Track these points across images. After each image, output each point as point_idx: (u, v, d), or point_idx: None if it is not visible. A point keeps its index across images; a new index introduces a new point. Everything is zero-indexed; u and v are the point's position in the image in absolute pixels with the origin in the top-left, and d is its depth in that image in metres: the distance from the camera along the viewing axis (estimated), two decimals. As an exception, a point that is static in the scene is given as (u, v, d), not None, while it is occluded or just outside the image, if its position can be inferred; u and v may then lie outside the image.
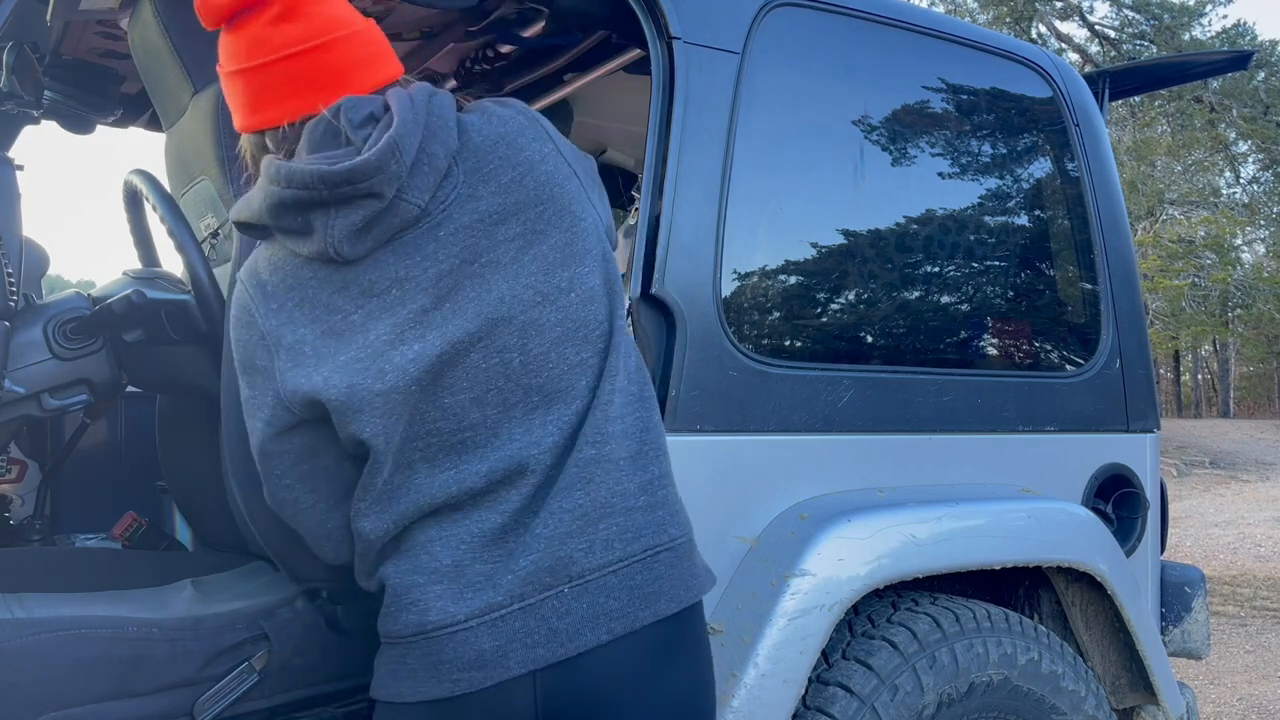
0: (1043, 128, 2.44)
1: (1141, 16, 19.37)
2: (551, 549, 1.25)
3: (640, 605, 1.27)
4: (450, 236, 1.28)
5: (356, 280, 1.29)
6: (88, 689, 1.45)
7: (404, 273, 1.28)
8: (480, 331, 1.27)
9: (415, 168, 1.26)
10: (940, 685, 1.90)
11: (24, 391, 1.77)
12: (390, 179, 1.24)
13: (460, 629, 1.24)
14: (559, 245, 1.31)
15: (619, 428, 1.32)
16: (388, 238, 1.28)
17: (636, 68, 2.40)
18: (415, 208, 1.27)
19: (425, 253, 1.28)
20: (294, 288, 1.31)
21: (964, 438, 2.17)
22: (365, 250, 1.28)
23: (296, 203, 1.26)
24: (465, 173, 1.29)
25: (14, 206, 1.84)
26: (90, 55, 2.45)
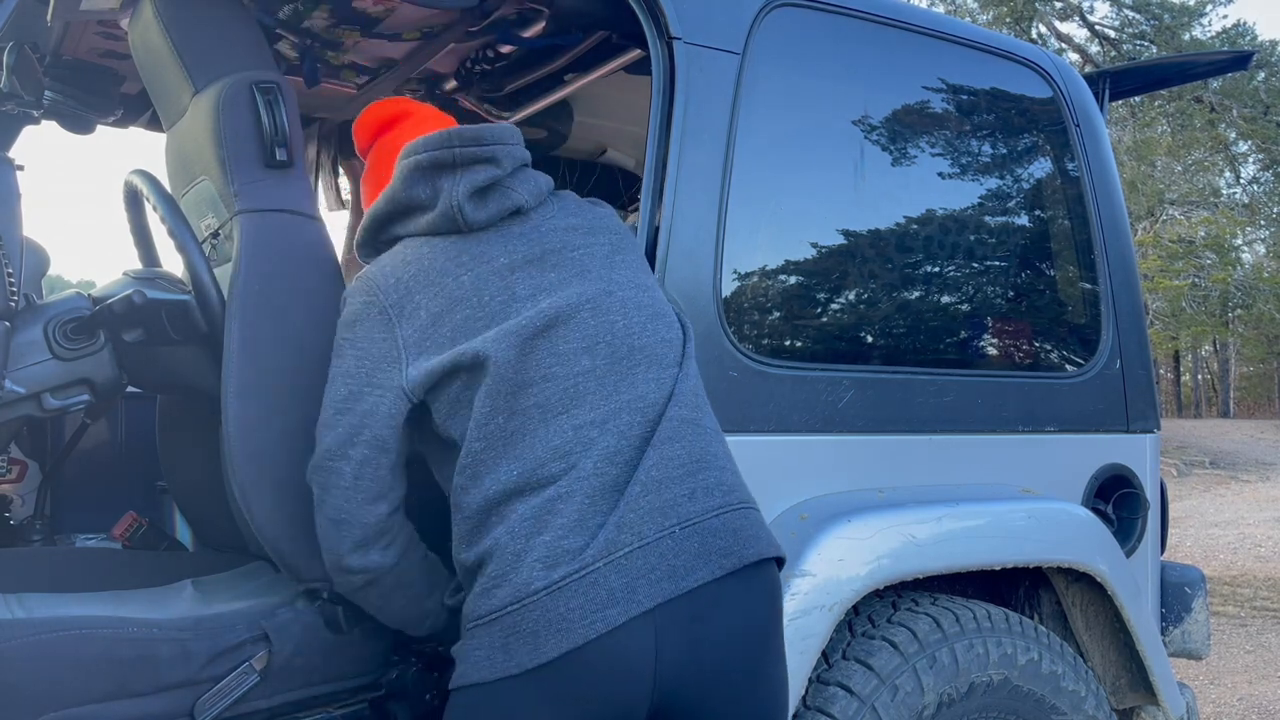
0: (1043, 128, 2.44)
1: (1141, 16, 19.36)
2: (660, 492, 1.36)
3: (743, 545, 1.39)
4: (551, 232, 1.52)
5: (469, 249, 1.49)
6: (88, 689, 1.45)
7: (511, 248, 1.49)
8: (588, 297, 1.46)
9: (522, 174, 1.54)
10: (940, 685, 1.90)
11: (24, 391, 1.77)
12: (508, 154, 1.52)
13: (589, 571, 1.29)
14: (638, 260, 1.59)
15: (703, 402, 1.50)
16: (500, 217, 1.51)
17: (637, 68, 2.40)
18: (523, 198, 1.52)
19: (530, 239, 1.51)
20: (409, 263, 1.49)
21: (964, 438, 2.17)
22: (484, 218, 1.50)
23: (431, 164, 1.49)
24: (561, 207, 1.58)
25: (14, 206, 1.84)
26: (90, 55, 2.45)
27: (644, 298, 1.52)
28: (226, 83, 1.75)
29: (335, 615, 1.65)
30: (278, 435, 1.64)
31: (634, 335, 1.46)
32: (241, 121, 1.73)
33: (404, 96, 1.63)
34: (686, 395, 1.46)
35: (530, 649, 1.27)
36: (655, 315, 1.51)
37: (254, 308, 1.67)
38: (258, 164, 1.74)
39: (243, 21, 1.88)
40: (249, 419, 1.63)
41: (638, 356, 1.45)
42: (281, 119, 1.74)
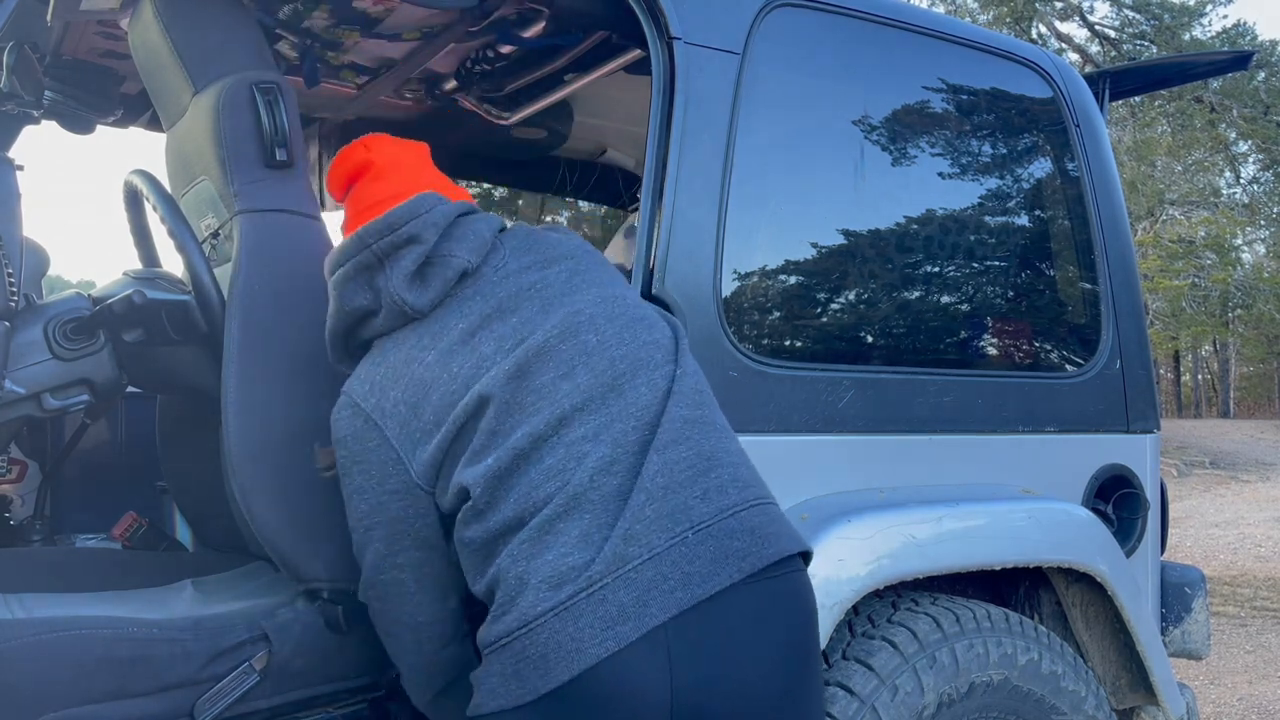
0: (1043, 128, 2.44)
1: (1142, 16, 19.36)
2: (667, 498, 1.30)
3: (762, 544, 1.32)
4: (503, 280, 1.47)
5: (428, 330, 1.45)
6: (88, 689, 1.45)
7: (466, 311, 1.45)
8: (555, 326, 1.42)
9: (457, 233, 1.47)
10: (940, 685, 1.90)
11: (24, 391, 1.77)
12: (427, 224, 1.44)
13: (597, 587, 1.24)
14: (603, 273, 1.53)
15: (707, 398, 1.46)
16: (448, 288, 1.46)
17: (637, 68, 2.40)
18: (464, 260, 1.46)
19: (484, 295, 1.46)
20: (379, 364, 1.47)
21: (964, 438, 2.17)
22: (430, 298, 1.45)
23: (357, 270, 1.46)
24: (512, 249, 1.51)
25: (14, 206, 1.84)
26: (90, 55, 2.45)
27: (615, 309, 1.47)
28: (226, 83, 1.75)
29: (335, 615, 1.65)
30: (278, 436, 1.64)
31: (611, 347, 1.42)
32: (241, 122, 1.73)
33: (367, 137, 1.55)
34: (687, 393, 1.41)
35: (540, 674, 1.23)
36: (632, 321, 1.46)
37: (254, 308, 1.67)
38: (258, 164, 1.74)
39: (243, 21, 1.88)
40: (249, 419, 1.63)
41: (621, 366, 1.40)
42: (281, 119, 1.74)
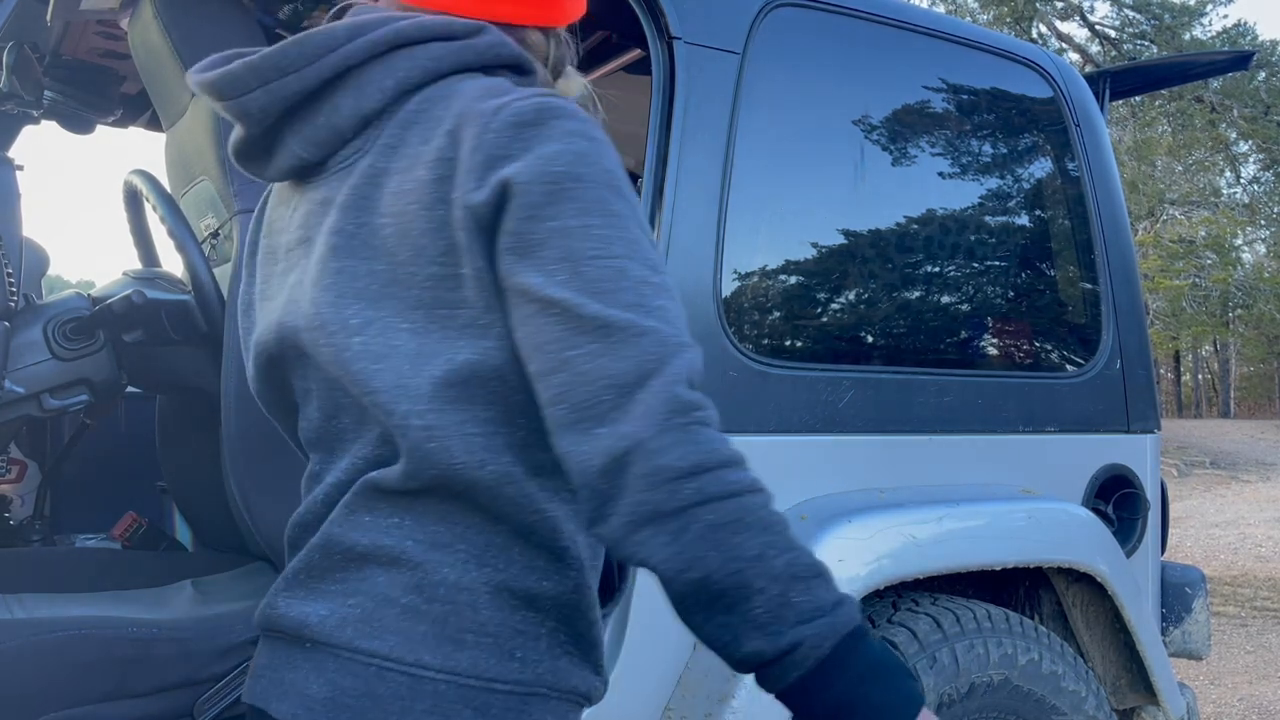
0: (1043, 128, 2.43)
1: (1142, 16, 19.36)
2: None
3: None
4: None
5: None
6: (88, 689, 1.45)
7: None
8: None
9: (304, 113, 1.12)
10: (941, 685, 1.90)
11: (24, 392, 1.77)
12: (252, 102, 1.10)
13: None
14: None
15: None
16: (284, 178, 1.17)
17: (637, 68, 2.40)
18: (296, 157, 1.13)
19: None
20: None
21: (964, 438, 2.17)
22: (267, 181, 1.18)
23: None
24: (383, 140, 1.12)
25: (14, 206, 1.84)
26: (90, 55, 2.45)
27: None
28: (226, 83, 1.75)
29: (335, 615, 1.64)
30: (278, 435, 1.64)
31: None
32: (241, 121, 1.73)
33: None
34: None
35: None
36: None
37: (254, 308, 1.67)
38: (257, 164, 1.74)
39: (243, 21, 1.88)
40: (249, 419, 1.63)
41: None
42: None
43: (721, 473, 0.93)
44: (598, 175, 1.02)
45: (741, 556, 0.91)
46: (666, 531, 0.91)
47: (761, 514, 0.93)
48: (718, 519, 0.91)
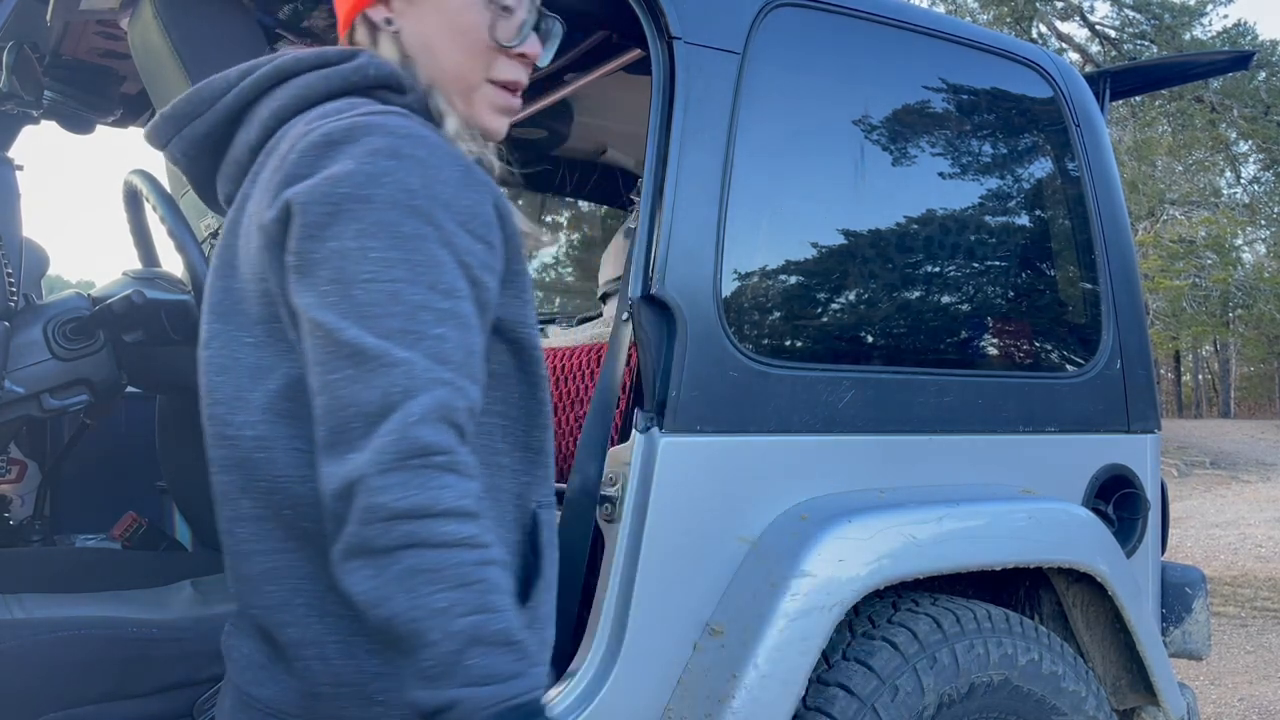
0: (1043, 128, 2.43)
1: (1142, 16, 19.36)
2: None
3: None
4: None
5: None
6: (88, 689, 1.45)
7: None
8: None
9: (221, 151, 1.23)
10: (941, 686, 1.90)
11: (24, 392, 1.77)
12: (175, 149, 1.23)
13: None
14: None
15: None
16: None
17: (637, 68, 2.40)
18: (222, 193, 1.24)
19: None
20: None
21: (964, 438, 2.17)
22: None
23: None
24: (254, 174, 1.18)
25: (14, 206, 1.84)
26: (90, 55, 2.45)
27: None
28: (226, 83, 1.75)
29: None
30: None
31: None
32: (241, 121, 1.73)
33: None
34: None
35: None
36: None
37: (254, 308, 1.67)
38: (257, 164, 1.74)
39: (243, 21, 1.88)
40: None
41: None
42: None
43: (437, 522, 0.94)
44: (390, 196, 1.01)
45: (426, 606, 0.92)
46: (371, 566, 0.93)
47: (464, 570, 0.94)
48: (417, 565, 0.92)
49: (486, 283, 1.07)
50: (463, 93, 1.23)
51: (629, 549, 1.75)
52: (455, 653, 0.91)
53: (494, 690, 0.92)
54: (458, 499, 0.95)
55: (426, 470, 0.94)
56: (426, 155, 1.05)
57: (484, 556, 0.96)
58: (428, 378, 0.96)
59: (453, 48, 1.22)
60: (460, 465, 0.97)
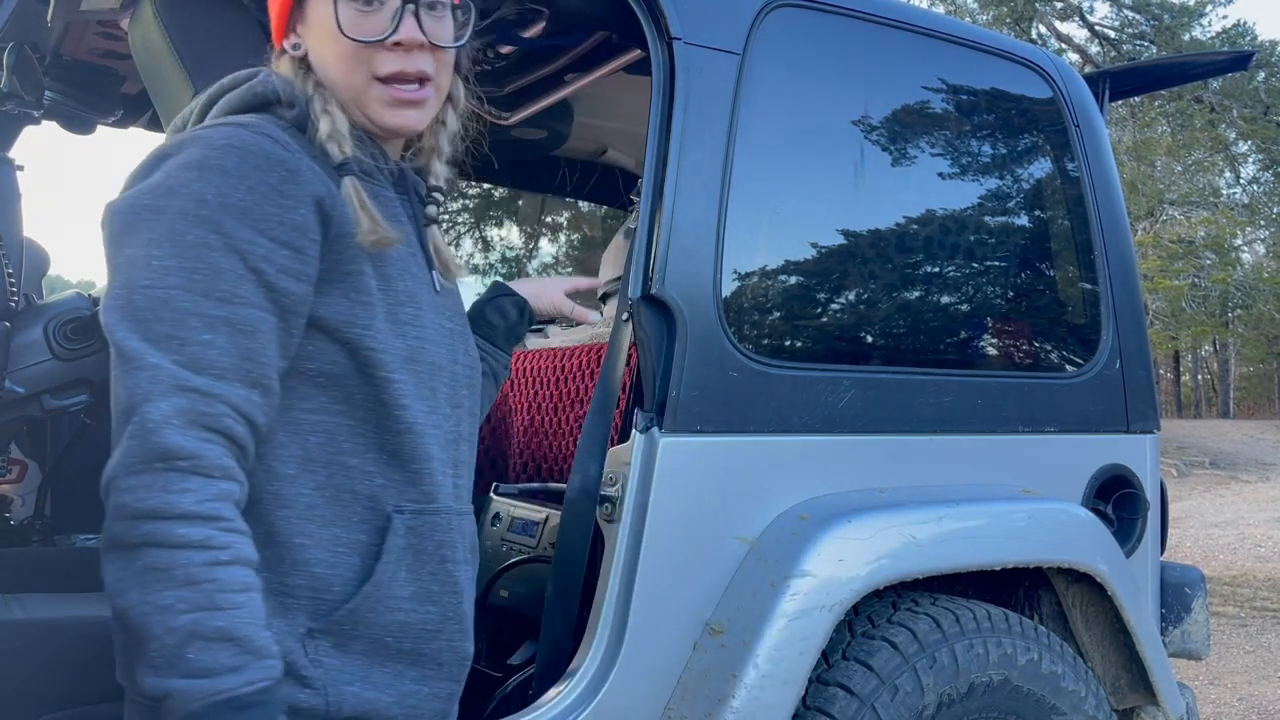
0: (1043, 128, 2.44)
1: (1141, 17, 19.36)
2: None
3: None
4: None
5: None
6: (88, 689, 1.45)
7: None
8: None
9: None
10: (940, 685, 1.90)
11: (24, 392, 1.77)
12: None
13: None
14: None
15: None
16: None
17: (637, 68, 2.40)
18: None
19: None
20: None
21: (964, 438, 2.17)
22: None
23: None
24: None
25: (14, 206, 1.84)
26: (90, 55, 2.45)
27: None
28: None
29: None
30: (278, 435, 1.64)
31: None
32: (241, 121, 1.73)
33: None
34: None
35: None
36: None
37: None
38: (258, 164, 1.73)
39: (243, 21, 1.88)
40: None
41: None
42: None
43: (172, 524, 1.01)
44: (181, 206, 1.10)
45: (153, 602, 1.00)
46: (117, 560, 1.02)
47: (192, 570, 1.01)
48: (152, 564, 1.00)
49: (287, 288, 1.12)
50: (354, 98, 1.28)
51: (629, 549, 1.75)
52: (176, 646, 0.99)
53: (207, 683, 0.99)
54: (196, 503, 1.02)
55: (169, 474, 1.02)
56: (234, 165, 1.12)
57: (215, 558, 1.02)
58: (172, 384, 1.04)
59: (330, 57, 1.28)
60: (206, 468, 1.04)
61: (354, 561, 1.19)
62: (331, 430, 1.19)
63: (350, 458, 1.20)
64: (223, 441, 1.06)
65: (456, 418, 1.32)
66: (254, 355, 1.09)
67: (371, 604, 1.18)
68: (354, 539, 1.19)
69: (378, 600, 1.18)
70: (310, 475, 1.18)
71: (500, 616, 2.23)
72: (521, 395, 2.58)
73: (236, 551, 1.04)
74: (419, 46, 1.26)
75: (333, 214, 1.18)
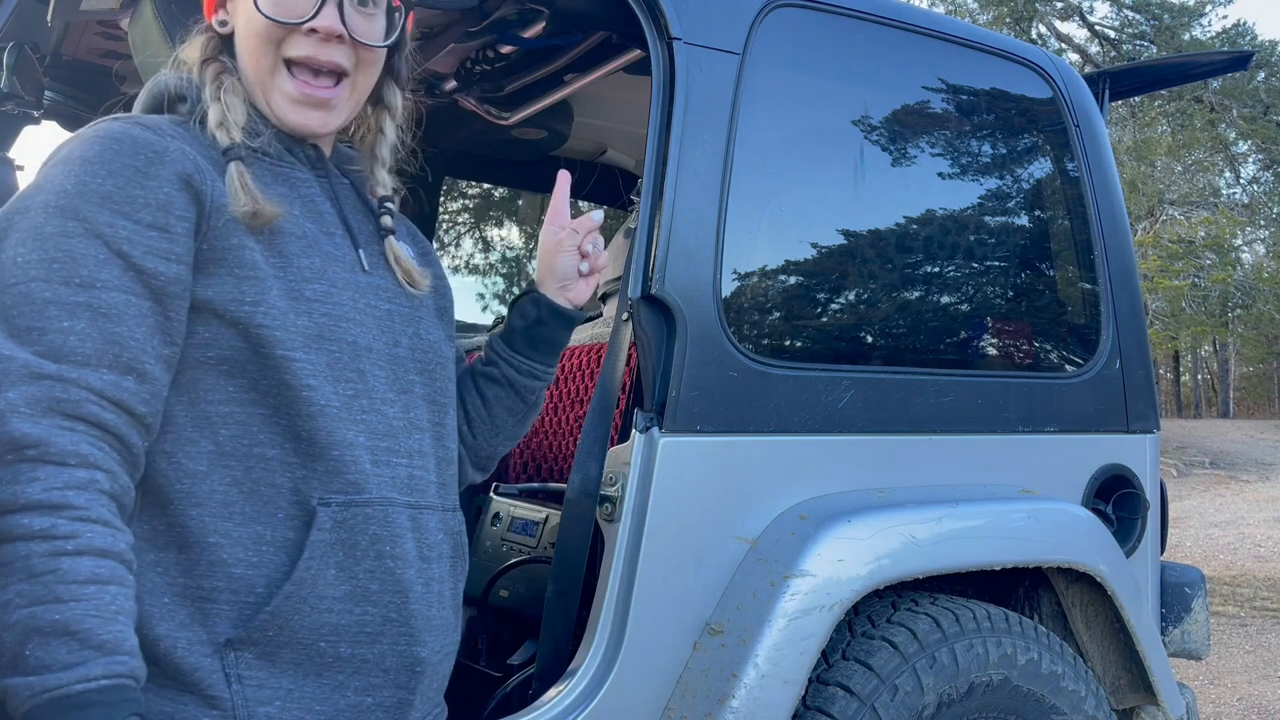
0: (1043, 128, 2.44)
1: (1141, 16, 19.36)
2: None
3: None
4: None
5: None
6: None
7: None
8: None
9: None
10: (940, 685, 1.90)
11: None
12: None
13: None
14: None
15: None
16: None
17: (637, 68, 2.39)
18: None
19: None
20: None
21: (964, 438, 2.17)
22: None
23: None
24: None
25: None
26: (91, 55, 2.45)
27: None
28: (227, 83, 1.75)
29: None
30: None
31: None
32: (242, 122, 1.73)
33: None
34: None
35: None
36: None
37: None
38: (258, 164, 1.74)
39: (243, 22, 1.88)
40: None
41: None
42: None
43: (16, 516, 0.96)
44: (44, 201, 1.09)
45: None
46: None
47: (32, 562, 0.95)
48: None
49: (155, 269, 1.09)
50: (260, 85, 1.25)
51: (629, 549, 1.75)
52: (15, 643, 0.93)
53: (41, 679, 0.92)
54: (42, 492, 0.96)
55: (19, 465, 0.97)
56: (97, 153, 1.11)
57: (57, 548, 0.96)
58: (24, 373, 1.00)
59: (244, 34, 1.25)
60: (57, 455, 0.99)
61: (281, 560, 1.12)
62: (244, 420, 1.13)
63: (268, 449, 1.14)
64: (85, 429, 1.01)
65: (405, 403, 1.25)
66: (120, 339, 1.05)
67: (294, 604, 1.11)
68: (280, 536, 1.13)
69: (301, 600, 1.11)
70: (225, 470, 1.12)
71: (500, 616, 2.23)
72: (521, 395, 2.57)
73: (85, 541, 0.97)
74: (336, 37, 1.23)
75: (203, 189, 1.14)
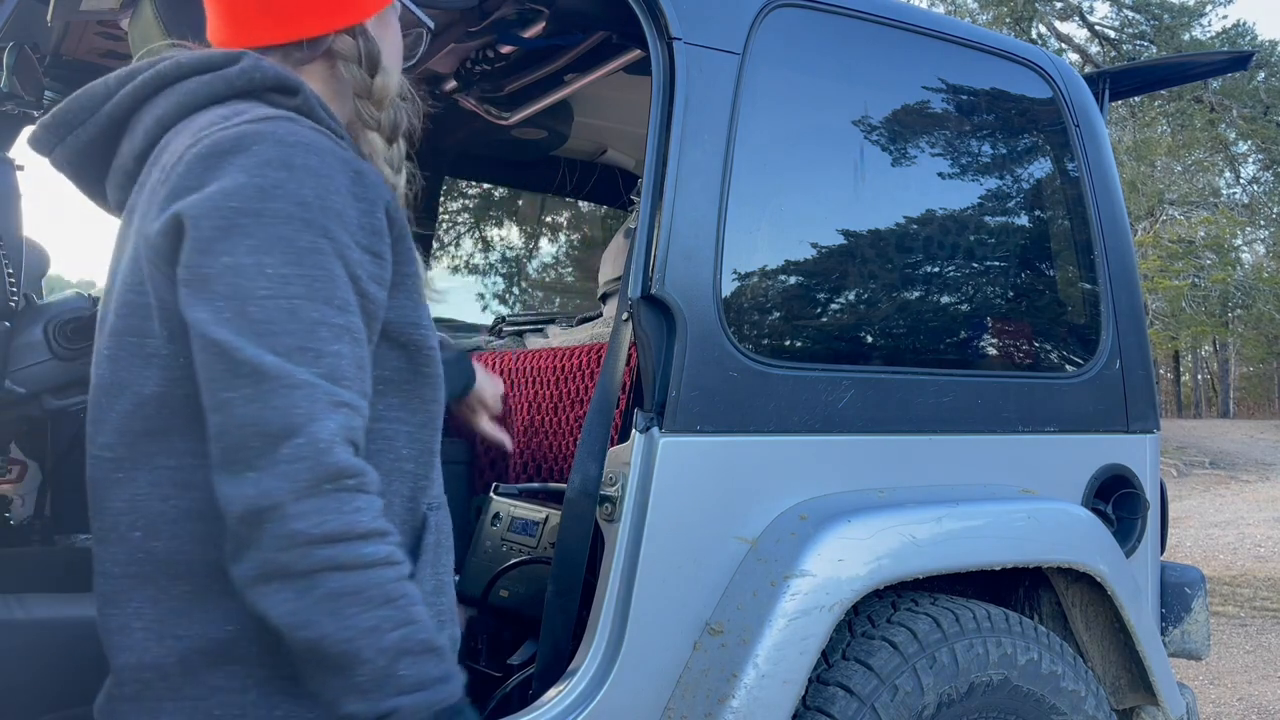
0: (1043, 128, 2.44)
1: (1141, 17, 19.37)
2: None
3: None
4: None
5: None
6: (88, 689, 1.45)
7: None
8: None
9: (109, 159, 1.22)
10: (940, 685, 1.90)
11: (24, 392, 1.77)
12: (58, 158, 1.22)
13: None
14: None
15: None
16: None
17: (637, 68, 2.40)
18: (113, 200, 1.23)
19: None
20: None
21: (964, 438, 2.17)
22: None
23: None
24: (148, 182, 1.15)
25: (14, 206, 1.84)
26: (91, 55, 2.45)
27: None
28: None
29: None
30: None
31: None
32: (241, 122, 1.73)
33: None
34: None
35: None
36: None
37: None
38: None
39: (243, 22, 1.88)
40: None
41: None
42: None
43: (356, 544, 0.96)
44: (284, 210, 1.01)
45: (355, 627, 0.95)
46: (291, 590, 0.95)
47: (388, 588, 0.98)
48: (341, 588, 0.95)
49: (374, 295, 1.07)
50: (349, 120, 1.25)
51: (629, 549, 1.75)
52: (388, 666, 0.96)
53: (427, 695, 0.98)
54: (373, 520, 0.98)
55: (340, 494, 0.96)
56: (319, 164, 1.04)
57: (401, 573, 1.00)
58: (330, 400, 0.97)
59: (393, 68, 1.26)
60: (369, 484, 0.99)
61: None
62: (393, 437, 1.14)
63: (407, 463, 1.16)
64: (359, 454, 1.02)
65: None
66: (365, 365, 1.04)
67: (433, 607, 1.16)
68: (404, 544, 1.14)
69: (432, 601, 1.17)
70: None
71: (500, 616, 2.23)
72: (521, 395, 2.58)
73: (406, 565, 1.02)
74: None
75: (395, 216, 1.12)
